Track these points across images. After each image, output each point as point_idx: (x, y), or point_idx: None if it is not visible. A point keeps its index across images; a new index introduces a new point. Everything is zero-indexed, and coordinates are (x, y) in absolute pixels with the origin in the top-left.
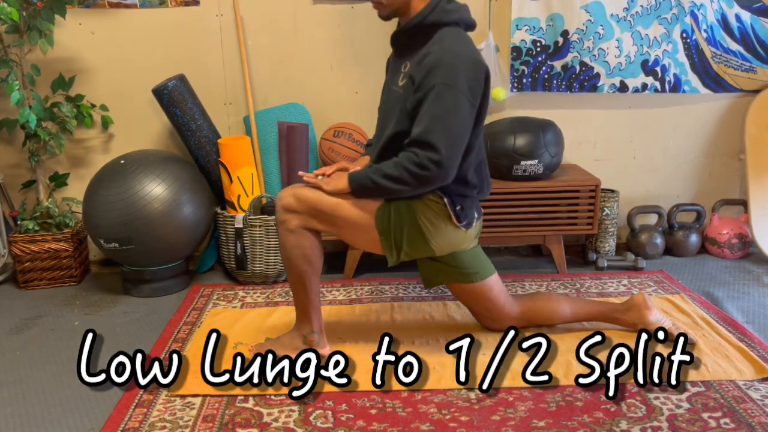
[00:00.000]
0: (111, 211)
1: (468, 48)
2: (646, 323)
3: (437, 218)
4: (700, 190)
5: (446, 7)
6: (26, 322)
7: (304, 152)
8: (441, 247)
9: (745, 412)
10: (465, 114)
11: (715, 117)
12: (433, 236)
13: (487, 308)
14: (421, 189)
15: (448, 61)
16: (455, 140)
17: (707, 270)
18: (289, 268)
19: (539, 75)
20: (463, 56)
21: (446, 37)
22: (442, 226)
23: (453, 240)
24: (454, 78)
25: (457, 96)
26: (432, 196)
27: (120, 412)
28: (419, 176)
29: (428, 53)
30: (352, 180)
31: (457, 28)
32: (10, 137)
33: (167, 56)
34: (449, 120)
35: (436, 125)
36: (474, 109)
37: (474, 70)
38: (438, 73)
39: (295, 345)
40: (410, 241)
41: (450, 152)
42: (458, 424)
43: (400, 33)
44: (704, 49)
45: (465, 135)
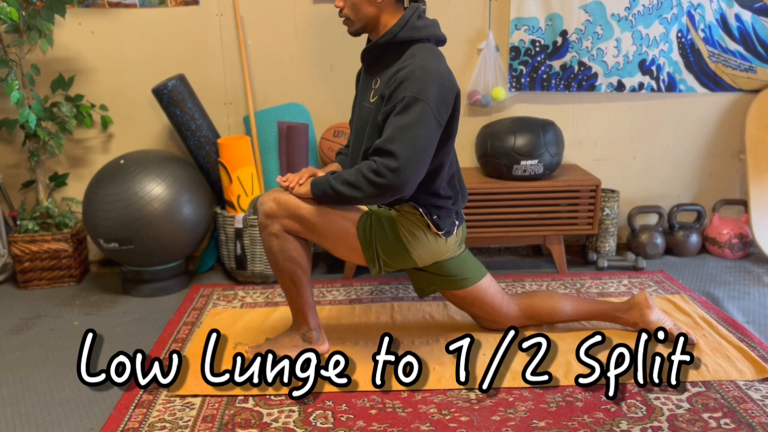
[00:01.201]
0: (110, 211)
1: (440, 65)
2: (647, 322)
3: (416, 228)
4: (700, 190)
5: (416, 24)
6: (26, 322)
7: (304, 152)
8: (422, 257)
9: (746, 412)
10: (430, 128)
11: (715, 117)
12: (414, 247)
13: (485, 311)
14: (377, 197)
15: (419, 75)
16: (416, 152)
17: (707, 270)
18: (277, 271)
19: (537, 75)
20: (435, 73)
21: (418, 53)
22: (422, 237)
23: (434, 250)
24: (423, 92)
25: (425, 109)
26: (407, 207)
27: (120, 412)
28: (375, 183)
29: (400, 69)
30: (314, 185)
31: (429, 44)
32: (10, 137)
33: (167, 56)
34: (412, 131)
35: (398, 134)
36: (440, 127)
37: (444, 89)
38: (408, 86)
39: (294, 344)
40: (391, 253)
41: (408, 163)
42: (458, 424)
43: (371, 50)
44: (701, 48)
45: (427, 148)
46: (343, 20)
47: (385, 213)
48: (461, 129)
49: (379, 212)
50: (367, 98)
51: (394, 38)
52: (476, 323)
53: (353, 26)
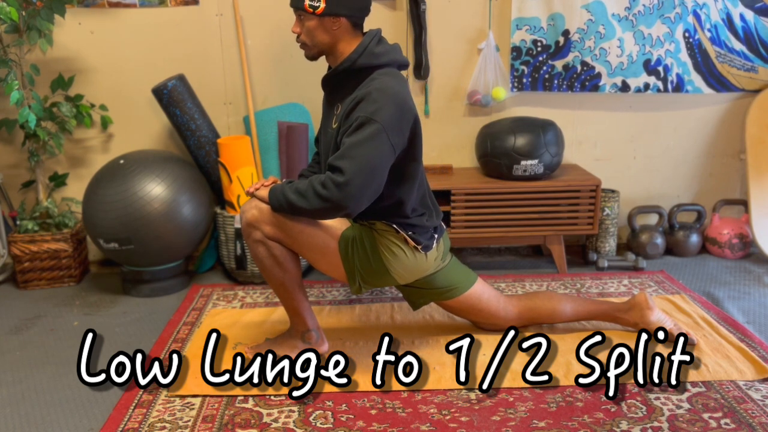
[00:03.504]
0: (110, 211)
1: (398, 88)
2: (647, 323)
3: (395, 246)
4: (700, 190)
5: (375, 50)
6: (26, 323)
7: (303, 152)
8: (402, 275)
9: (746, 412)
10: (381, 149)
11: (715, 117)
12: (393, 265)
13: (482, 316)
14: (322, 211)
15: (375, 97)
16: (365, 169)
17: (708, 270)
18: (266, 277)
19: (539, 75)
20: (392, 95)
21: (378, 77)
22: (401, 254)
23: (414, 267)
24: (377, 113)
25: (378, 129)
26: (380, 225)
27: (119, 413)
28: (320, 195)
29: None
30: (270, 191)
31: (390, 69)
32: (10, 137)
33: (167, 56)
34: (362, 149)
35: (347, 152)
36: (393, 150)
37: (401, 111)
38: (363, 107)
39: (293, 344)
40: (370, 271)
41: (356, 179)
42: (458, 424)
43: (331, 77)
44: (708, 48)
45: (377, 168)
46: (299, 45)
47: (367, 231)
48: (462, 129)
49: (362, 230)
50: (329, 124)
51: (353, 65)
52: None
53: (309, 51)
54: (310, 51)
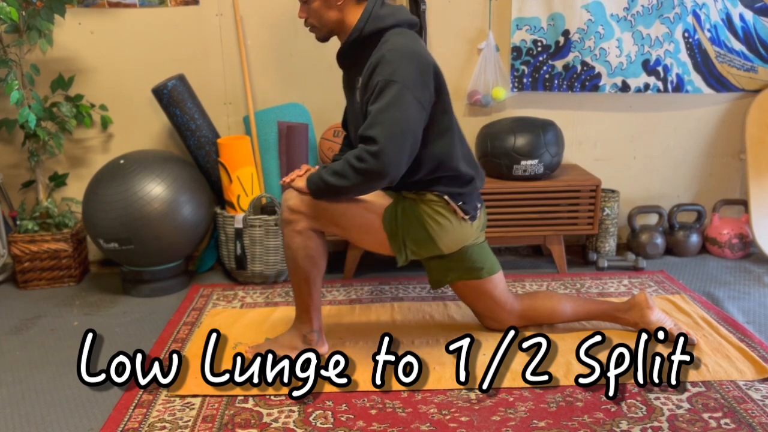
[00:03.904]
0: (110, 211)
1: (411, 44)
2: (647, 323)
3: (442, 217)
4: (700, 190)
5: (380, 13)
6: (26, 323)
7: (304, 152)
8: (448, 245)
9: (746, 412)
10: (409, 108)
11: (715, 117)
12: (439, 236)
13: (490, 307)
14: (364, 184)
15: (390, 58)
16: (396, 132)
17: (708, 270)
18: (293, 269)
19: (540, 75)
20: (406, 52)
21: (389, 39)
22: (447, 224)
23: (460, 236)
24: (396, 73)
25: (400, 90)
26: (431, 195)
27: (119, 413)
28: (358, 169)
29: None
30: (308, 180)
31: (398, 29)
32: (10, 137)
33: (167, 56)
34: (390, 113)
35: (376, 118)
36: (421, 106)
37: (419, 65)
38: (380, 71)
39: (294, 345)
40: (417, 242)
41: (389, 144)
42: (458, 424)
43: (344, 52)
44: (708, 48)
45: (409, 129)
46: (309, 29)
47: (409, 203)
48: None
49: (405, 203)
50: (354, 98)
51: (361, 34)
52: (476, 323)
53: (320, 33)
54: (320, 32)
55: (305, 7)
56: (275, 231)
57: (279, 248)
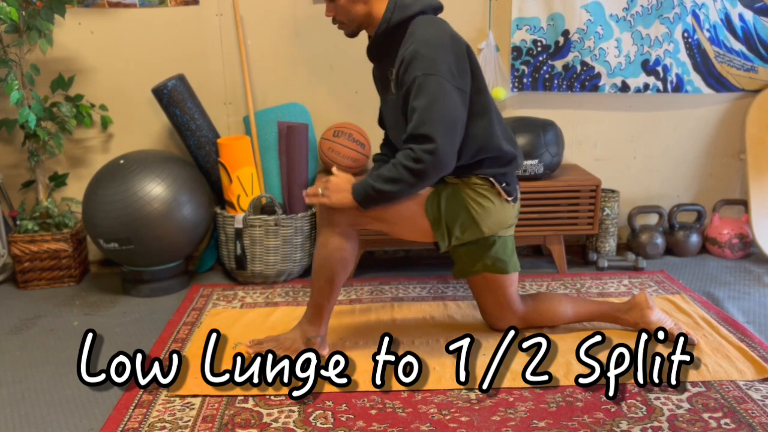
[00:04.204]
0: (110, 211)
1: (440, 31)
2: (647, 323)
3: (485, 200)
4: (700, 190)
5: (405, 2)
6: (26, 323)
7: (303, 152)
8: (491, 227)
9: (746, 412)
10: (452, 98)
11: (715, 117)
12: (483, 218)
13: (501, 303)
14: (423, 183)
15: (423, 51)
16: (447, 125)
17: (708, 270)
18: (320, 268)
19: (540, 75)
20: (437, 42)
21: (417, 29)
22: (491, 207)
23: (502, 217)
24: (431, 65)
25: (439, 82)
26: (476, 179)
27: (119, 413)
28: (416, 170)
29: (405, 51)
30: (355, 192)
31: (425, 16)
32: (10, 137)
33: (167, 56)
34: (437, 107)
35: (424, 116)
36: (462, 92)
37: (452, 52)
38: (416, 66)
39: (296, 346)
40: (462, 226)
41: (444, 139)
42: (458, 424)
43: (373, 45)
44: (707, 48)
45: (457, 119)
46: (337, 26)
47: (451, 188)
48: None
49: (445, 189)
50: (389, 91)
51: (389, 25)
52: (476, 323)
53: (349, 28)
54: (349, 27)
55: (332, 6)
56: (275, 231)
57: (279, 248)
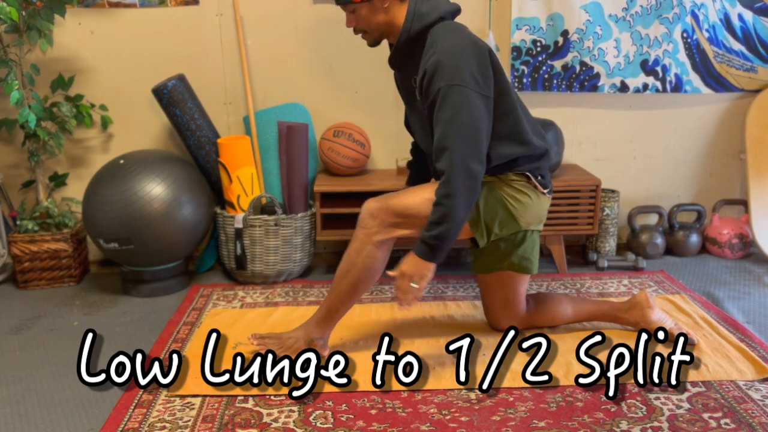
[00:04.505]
0: (110, 211)
1: (461, 38)
2: (648, 322)
3: (523, 195)
4: (700, 190)
5: (423, 11)
6: (26, 323)
7: (303, 152)
8: (528, 221)
9: (746, 412)
10: (476, 107)
11: (715, 117)
12: (521, 213)
13: (508, 302)
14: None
15: (444, 61)
16: (471, 137)
17: (708, 270)
18: (347, 272)
19: (539, 75)
20: (459, 51)
21: (438, 38)
22: (528, 202)
23: (539, 211)
24: (454, 75)
25: (462, 91)
26: (513, 176)
27: (119, 413)
28: (454, 195)
29: (427, 60)
30: (422, 255)
31: (444, 23)
32: (10, 137)
33: (167, 56)
34: (460, 119)
35: (447, 129)
36: (487, 98)
37: (474, 60)
38: (439, 77)
39: (297, 346)
40: (500, 223)
41: (467, 149)
42: (458, 424)
43: (395, 54)
44: (706, 48)
45: (481, 127)
46: (360, 36)
47: (488, 187)
48: None
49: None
50: (414, 98)
51: (410, 33)
52: (476, 323)
53: (371, 37)
54: (372, 36)
55: (352, 17)
56: (275, 231)
57: (279, 248)
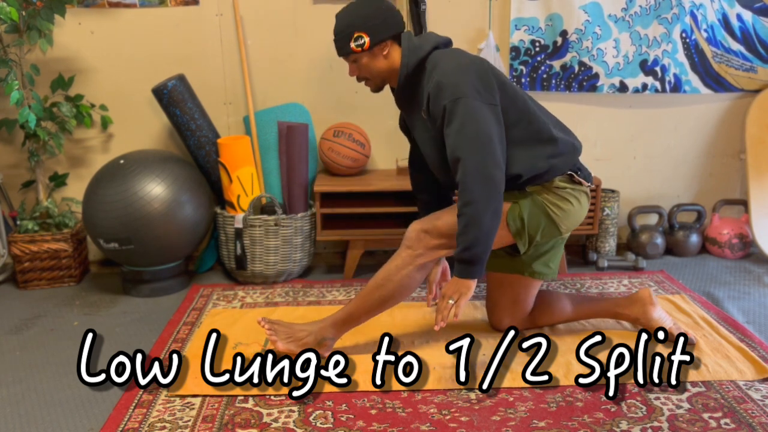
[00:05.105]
0: (110, 211)
1: (457, 57)
2: (648, 318)
3: (565, 202)
4: (700, 190)
5: (416, 44)
6: (26, 323)
7: (304, 152)
8: (568, 227)
9: (746, 412)
10: (484, 116)
11: (715, 117)
12: (562, 220)
13: (516, 302)
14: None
15: (444, 80)
16: (483, 144)
17: (708, 270)
18: (383, 287)
19: (537, 75)
20: (456, 68)
21: (437, 62)
22: (570, 209)
23: (579, 217)
24: (456, 90)
25: (467, 103)
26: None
27: (120, 413)
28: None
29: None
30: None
31: (438, 51)
32: (10, 137)
33: (167, 56)
34: (468, 129)
35: (457, 140)
36: (493, 105)
37: (474, 72)
38: (441, 96)
39: (306, 340)
40: (543, 231)
41: (480, 156)
42: (458, 424)
43: (401, 94)
44: (704, 49)
45: (492, 133)
46: (364, 83)
47: (530, 198)
48: None
49: (524, 199)
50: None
51: (409, 70)
52: (476, 323)
53: (374, 83)
54: (375, 82)
55: (354, 66)
56: (275, 231)
57: (279, 248)
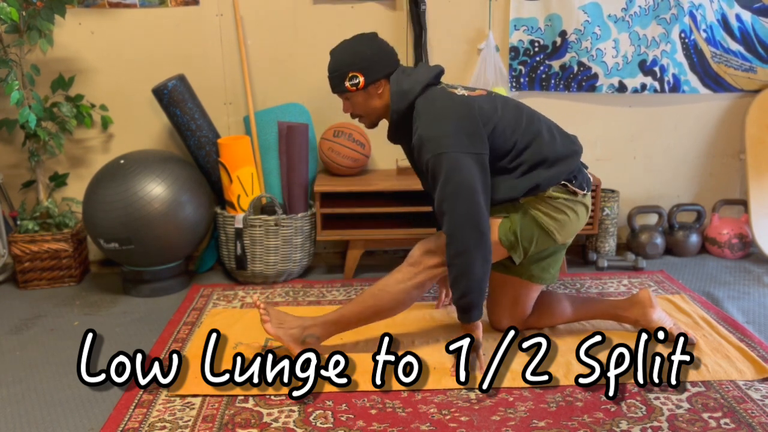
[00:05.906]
0: (111, 211)
1: (441, 106)
2: (648, 320)
3: (560, 213)
4: (700, 190)
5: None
6: (26, 322)
7: (304, 152)
8: (565, 237)
9: (746, 412)
10: (465, 166)
11: (715, 117)
12: (558, 230)
13: (517, 304)
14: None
15: (425, 134)
16: (465, 195)
17: (707, 270)
18: (377, 296)
19: (536, 75)
20: (436, 118)
21: (420, 111)
22: (565, 219)
23: (576, 227)
24: (436, 145)
25: (448, 157)
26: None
27: (120, 412)
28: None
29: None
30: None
31: (426, 93)
32: (10, 137)
33: (167, 56)
34: (451, 184)
35: (441, 195)
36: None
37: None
38: (425, 151)
39: (291, 333)
40: (537, 242)
41: (468, 206)
42: (458, 424)
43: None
44: (703, 49)
45: (474, 183)
46: (358, 120)
47: (521, 210)
48: None
49: (516, 212)
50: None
51: (399, 107)
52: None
53: (369, 120)
54: (369, 119)
55: (348, 103)
56: (275, 231)
57: (279, 248)
